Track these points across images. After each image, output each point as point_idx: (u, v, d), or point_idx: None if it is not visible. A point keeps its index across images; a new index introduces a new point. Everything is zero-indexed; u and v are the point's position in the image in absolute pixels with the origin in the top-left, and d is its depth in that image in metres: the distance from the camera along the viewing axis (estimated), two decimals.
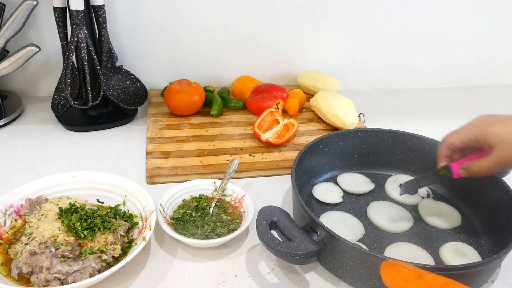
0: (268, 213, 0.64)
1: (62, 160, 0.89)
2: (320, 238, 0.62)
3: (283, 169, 0.88)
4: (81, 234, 0.63)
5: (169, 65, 1.16)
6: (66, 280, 0.59)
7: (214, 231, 0.70)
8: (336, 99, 1.02)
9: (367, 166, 0.88)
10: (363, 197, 0.82)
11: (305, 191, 0.81)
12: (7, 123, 1.00)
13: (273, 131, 0.95)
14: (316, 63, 1.24)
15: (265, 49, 1.19)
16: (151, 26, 1.10)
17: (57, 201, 0.69)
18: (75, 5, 0.86)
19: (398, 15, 1.20)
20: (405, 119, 1.15)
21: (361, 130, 0.87)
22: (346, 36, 1.21)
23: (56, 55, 1.07)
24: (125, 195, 0.73)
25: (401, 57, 1.28)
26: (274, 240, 0.60)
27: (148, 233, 0.64)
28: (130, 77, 1.05)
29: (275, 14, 1.14)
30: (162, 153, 0.90)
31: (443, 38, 1.26)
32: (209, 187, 0.78)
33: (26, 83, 1.12)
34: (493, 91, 1.35)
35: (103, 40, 0.95)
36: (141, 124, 1.04)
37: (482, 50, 1.31)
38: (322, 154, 0.84)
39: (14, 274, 0.60)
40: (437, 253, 0.70)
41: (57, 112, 1.01)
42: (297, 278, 0.65)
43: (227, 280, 0.64)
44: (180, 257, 0.68)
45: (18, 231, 0.68)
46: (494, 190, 0.73)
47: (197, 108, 1.05)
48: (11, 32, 0.94)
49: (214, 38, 1.14)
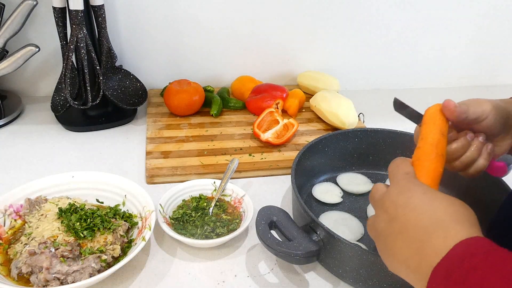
0: (267, 213, 0.64)
1: (62, 160, 0.89)
2: (320, 238, 0.62)
3: (282, 169, 0.88)
4: (80, 234, 0.63)
5: (168, 65, 1.16)
6: (66, 280, 0.59)
7: (214, 231, 0.70)
8: (336, 99, 1.02)
9: (367, 166, 0.88)
10: (363, 197, 0.82)
11: (304, 191, 0.81)
12: (6, 123, 1.00)
13: (273, 131, 0.95)
14: (316, 63, 1.24)
15: (265, 49, 1.19)
16: (151, 26, 1.10)
17: (57, 201, 0.69)
18: (74, 5, 0.86)
19: (398, 15, 1.20)
20: (405, 119, 1.14)
21: (361, 130, 0.87)
22: (346, 36, 1.21)
23: (55, 55, 1.07)
24: (124, 195, 0.73)
25: (401, 57, 1.28)
26: (273, 240, 0.60)
27: (147, 233, 0.64)
28: (130, 77, 1.05)
29: (275, 14, 1.14)
30: (162, 153, 0.90)
31: (442, 38, 1.26)
32: (209, 187, 0.78)
33: (26, 83, 1.12)
34: (493, 91, 1.35)
35: (103, 40, 0.95)
36: (141, 124, 1.04)
37: (482, 50, 1.31)
38: (321, 154, 0.84)
39: (13, 274, 0.60)
40: None
41: (57, 112, 1.01)
42: (297, 278, 0.65)
43: (227, 280, 0.64)
44: (180, 257, 0.68)
45: (18, 231, 0.68)
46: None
47: (196, 108, 1.05)
48: (10, 32, 0.94)
49: (214, 38, 1.14)
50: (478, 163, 0.59)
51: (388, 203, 0.47)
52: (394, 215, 0.45)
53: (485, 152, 0.59)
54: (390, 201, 0.47)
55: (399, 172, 0.50)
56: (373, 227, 0.49)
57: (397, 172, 0.50)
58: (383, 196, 0.49)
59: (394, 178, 0.50)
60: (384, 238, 0.46)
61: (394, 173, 0.51)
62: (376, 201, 0.50)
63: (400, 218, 0.45)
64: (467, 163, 0.58)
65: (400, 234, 0.44)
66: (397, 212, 0.45)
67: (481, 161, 0.59)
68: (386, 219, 0.46)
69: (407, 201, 0.45)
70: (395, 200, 0.46)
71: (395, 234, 0.45)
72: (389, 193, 0.48)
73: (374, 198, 0.51)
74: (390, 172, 0.52)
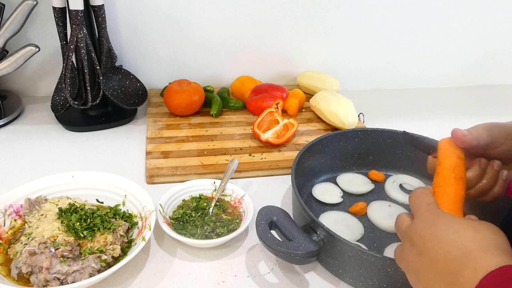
0: (267, 213, 0.64)
1: (62, 160, 0.89)
2: (320, 238, 0.62)
3: (282, 169, 0.88)
4: (80, 234, 0.63)
5: (168, 65, 1.16)
6: (66, 280, 0.59)
7: (214, 231, 0.70)
8: (336, 99, 1.02)
9: (367, 166, 0.88)
10: (363, 197, 0.82)
11: (304, 191, 0.81)
12: (6, 123, 1.00)
13: (273, 131, 0.95)
14: (316, 63, 1.24)
15: (264, 49, 1.19)
16: (151, 26, 1.10)
17: (57, 201, 0.69)
18: (74, 5, 0.86)
19: (398, 15, 1.20)
20: (405, 119, 1.15)
21: (361, 130, 0.87)
22: (346, 36, 1.21)
23: (55, 55, 1.07)
24: (124, 195, 0.73)
25: (401, 57, 1.28)
26: (273, 240, 0.60)
27: (147, 233, 0.64)
28: (130, 77, 1.05)
29: (275, 14, 1.14)
30: (162, 153, 0.90)
31: (443, 38, 1.26)
32: (209, 187, 0.78)
33: (26, 83, 1.12)
34: (493, 91, 1.35)
35: (103, 40, 0.95)
36: (141, 124, 1.04)
37: (482, 50, 1.31)
38: (321, 154, 0.84)
39: (13, 274, 0.60)
40: None
41: (57, 112, 1.01)
42: (297, 278, 0.65)
43: (227, 280, 0.64)
44: (180, 257, 0.68)
45: (18, 231, 0.68)
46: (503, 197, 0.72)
47: (196, 108, 1.05)
48: (10, 32, 0.94)
49: (213, 38, 1.14)
50: (494, 191, 0.58)
51: (415, 237, 0.47)
52: (423, 249, 0.46)
53: (501, 180, 0.58)
54: (417, 235, 0.47)
55: (422, 204, 0.50)
56: (402, 259, 0.49)
57: (420, 204, 0.50)
58: (409, 229, 0.49)
59: (418, 211, 0.50)
60: (416, 271, 0.47)
61: (416, 205, 0.51)
62: (403, 233, 0.50)
63: (429, 251, 0.45)
64: (481, 191, 0.58)
65: (432, 267, 0.44)
66: (426, 245, 0.46)
67: (496, 189, 0.58)
68: (416, 252, 0.47)
69: (434, 233, 0.46)
70: (422, 234, 0.47)
71: (426, 268, 0.45)
72: (415, 227, 0.48)
73: (400, 229, 0.51)
74: (413, 205, 0.51)
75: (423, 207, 0.49)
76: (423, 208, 0.49)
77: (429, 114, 1.18)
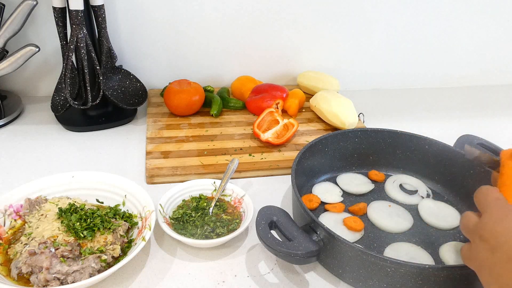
0: (267, 213, 0.64)
1: (62, 160, 0.89)
2: (320, 238, 0.62)
3: (282, 169, 0.88)
4: (80, 234, 0.63)
5: (168, 65, 1.16)
6: (66, 280, 0.59)
7: (214, 231, 0.70)
8: (336, 99, 1.02)
9: (367, 166, 0.88)
10: (363, 197, 0.82)
11: (304, 191, 0.81)
12: (6, 123, 1.00)
13: (273, 131, 0.95)
14: (316, 63, 1.24)
15: (264, 49, 1.19)
16: (151, 26, 1.10)
17: (57, 201, 0.69)
18: (74, 5, 0.86)
19: (397, 15, 1.20)
20: (405, 119, 1.15)
21: (361, 130, 0.87)
22: (346, 36, 1.21)
23: (55, 55, 1.07)
24: (124, 195, 0.73)
25: (401, 57, 1.28)
26: (273, 240, 0.60)
27: (147, 233, 0.64)
28: (130, 77, 1.05)
29: (274, 14, 1.14)
30: (162, 153, 0.90)
31: (442, 38, 1.26)
32: (209, 187, 0.78)
33: (26, 83, 1.12)
34: (493, 91, 1.35)
35: (103, 40, 0.95)
36: (141, 124, 1.04)
37: (482, 50, 1.31)
38: (321, 154, 0.84)
39: (13, 274, 0.60)
40: (437, 253, 0.70)
41: (57, 112, 1.01)
42: (297, 278, 0.65)
43: (227, 280, 0.64)
44: (180, 257, 0.68)
45: (18, 231, 0.68)
46: None
47: (196, 108, 1.05)
48: (10, 32, 0.94)
49: (213, 38, 1.14)
50: None
51: (486, 233, 0.46)
52: (496, 244, 0.45)
53: None
54: (487, 230, 0.46)
55: (489, 200, 0.49)
56: (471, 258, 0.48)
57: (487, 200, 0.50)
58: (477, 225, 0.48)
59: (486, 207, 0.49)
60: (489, 268, 0.46)
61: (483, 202, 0.50)
62: (470, 230, 0.49)
63: (503, 246, 0.44)
64: None
65: (508, 262, 0.44)
66: (499, 241, 0.45)
67: None
68: (487, 248, 0.46)
69: (506, 227, 0.45)
70: (493, 229, 0.46)
71: (502, 263, 0.44)
72: (485, 222, 0.47)
73: (468, 227, 0.50)
74: (479, 202, 0.51)
75: (491, 203, 0.49)
76: (492, 204, 0.48)
77: (429, 114, 1.18)
